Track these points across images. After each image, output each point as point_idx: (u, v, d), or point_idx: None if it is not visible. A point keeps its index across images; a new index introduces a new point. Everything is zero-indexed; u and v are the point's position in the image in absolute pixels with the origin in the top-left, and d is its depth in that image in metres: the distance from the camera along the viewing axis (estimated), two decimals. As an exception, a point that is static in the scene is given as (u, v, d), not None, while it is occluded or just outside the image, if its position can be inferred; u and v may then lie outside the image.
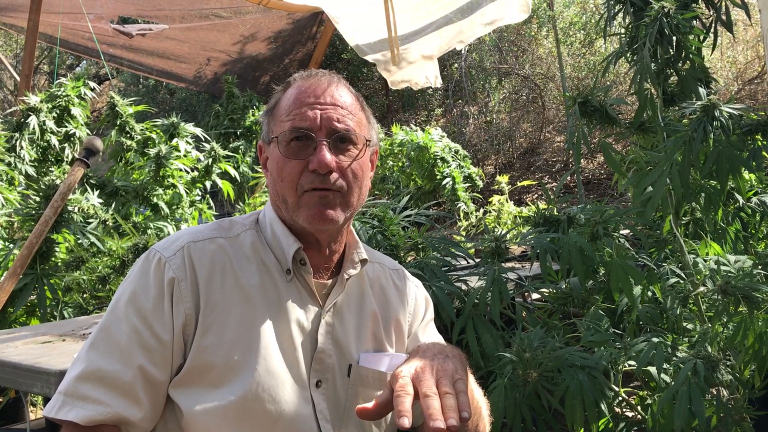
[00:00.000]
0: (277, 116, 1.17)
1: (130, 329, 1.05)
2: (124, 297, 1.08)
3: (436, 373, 1.01)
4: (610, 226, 1.85)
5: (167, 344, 1.05)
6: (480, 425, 1.21)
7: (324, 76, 1.18)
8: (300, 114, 1.13)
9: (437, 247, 2.15)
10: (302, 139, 1.12)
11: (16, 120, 3.72)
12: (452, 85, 9.41)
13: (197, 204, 3.85)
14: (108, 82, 11.43)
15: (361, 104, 1.20)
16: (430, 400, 0.95)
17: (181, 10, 5.96)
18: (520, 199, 7.49)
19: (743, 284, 1.57)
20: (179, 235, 1.15)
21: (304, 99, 1.14)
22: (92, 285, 2.74)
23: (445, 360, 1.06)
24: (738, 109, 1.79)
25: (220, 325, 1.07)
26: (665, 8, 1.89)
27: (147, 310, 1.06)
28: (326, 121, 1.13)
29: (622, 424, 1.67)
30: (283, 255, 1.15)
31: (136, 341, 1.04)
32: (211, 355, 1.06)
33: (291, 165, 1.12)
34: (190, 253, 1.10)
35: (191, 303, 1.07)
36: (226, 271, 1.11)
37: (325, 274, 1.19)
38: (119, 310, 1.07)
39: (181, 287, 1.07)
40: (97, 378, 1.03)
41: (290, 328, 1.12)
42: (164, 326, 1.05)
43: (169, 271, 1.08)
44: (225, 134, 5.41)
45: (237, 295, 1.10)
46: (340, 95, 1.16)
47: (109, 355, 1.04)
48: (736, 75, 7.99)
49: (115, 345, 1.05)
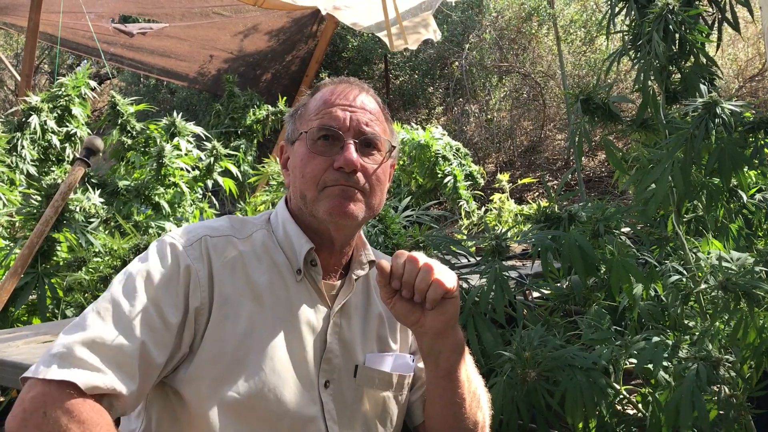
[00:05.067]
0: (305, 116, 1.18)
1: (140, 304, 1.04)
2: (138, 273, 1.06)
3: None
4: (611, 224, 1.84)
5: (172, 328, 1.04)
6: (479, 415, 1.21)
7: (354, 82, 1.21)
8: (329, 114, 1.14)
9: (438, 246, 2.15)
10: (329, 139, 1.13)
11: (17, 120, 3.72)
12: (453, 83, 9.40)
13: (198, 203, 3.85)
14: (109, 81, 11.43)
15: (386, 115, 1.23)
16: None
17: (181, 8, 5.96)
18: (521, 197, 7.48)
19: (744, 281, 1.57)
20: (195, 227, 1.14)
21: (335, 100, 1.16)
22: (93, 284, 2.74)
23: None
24: (739, 106, 1.79)
25: (232, 318, 1.07)
26: (669, 5, 1.89)
27: (158, 290, 1.05)
28: (355, 123, 1.14)
29: (623, 423, 1.67)
30: (293, 255, 1.15)
31: (142, 318, 1.03)
32: (222, 347, 1.06)
33: (316, 162, 1.12)
34: (207, 246, 1.11)
35: (207, 293, 1.07)
36: (237, 269, 1.11)
37: (333, 275, 1.20)
38: (130, 284, 1.05)
39: (199, 276, 1.07)
40: (99, 345, 0.99)
41: (300, 328, 1.12)
42: (174, 310, 1.04)
43: (187, 259, 1.08)
44: (226, 133, 5.41)
45: (248, 293, 1.10)
46: (369, 101, 1.19)
47: (113, 325, 1.01)
48: (737, 72, 7.98)
49: (122, 317, 1.03)
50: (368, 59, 9.80)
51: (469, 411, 1.18)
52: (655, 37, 1.87)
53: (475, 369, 1.24)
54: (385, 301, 1.09)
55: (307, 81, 6.88)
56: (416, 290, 1.06)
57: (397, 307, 1.08)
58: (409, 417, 1.28)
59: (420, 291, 1.06)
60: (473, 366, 1.23)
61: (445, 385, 1.16)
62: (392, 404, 1.20)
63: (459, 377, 1.16)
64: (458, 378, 1.16)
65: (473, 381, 1.21)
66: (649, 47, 1.92)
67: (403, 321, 1.11)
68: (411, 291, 1.07)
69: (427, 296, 1.06)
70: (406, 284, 1.06)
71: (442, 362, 1.14)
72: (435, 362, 1.15)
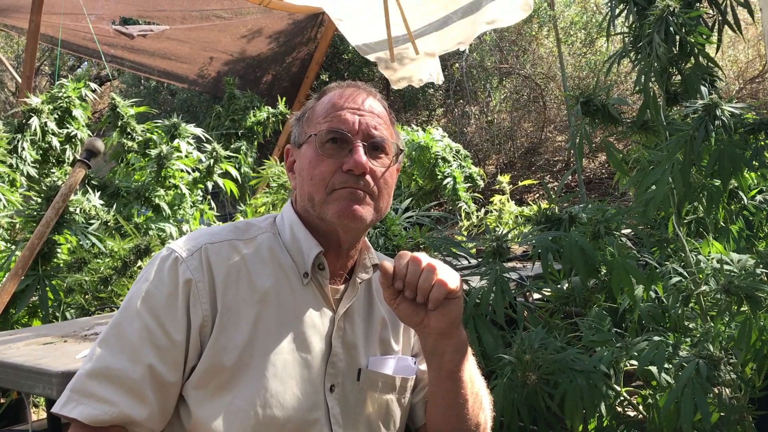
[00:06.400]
0: (313, 119, 1.18)
1: (142, 327, 1.05)
2: (138, 295, 1.07)
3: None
4: (611, 226, 1.84)
5: (179, 345, 1.05)
6: (481, 416, 1.21)
7: (362, 86, 1.22)
8: (338, 117, 1.14)
9: (439, 248, 2.15)
10: (338, 142, 1.13)
11: (17, 121, 3.72)
12: (453, 84, 9.41)
13: (199, 205, 3.85)
14: (109, 83, 11.44)
15: (392, 119, 1.23)
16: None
17: (182, 10, 5.96)
18: (521, 199, 7.48)
19: (746, 284, 1.57)
20: (197, 235, 1.15)
21: (343, 104, 1.16)
22: (94, 286, 2.74)
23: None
24: (739, 108, 1.79)
25: (233, 327, 1.07)
26: (670, 7, 1.89)
27: (160, 309, 1.06)
28: (364, 126, 1.14)
29: (623, 424, 1.67)
30: (300, 258, 1.15)
31: (147, 339, 1.04)
32: (223, 357, 1.06)
33: (324, 164, 1.12)
34: (207, 254, 1.10)
35: (208, 304, 1.07)
36: (241, 274, 1.11)
37: (338, 279, 1.20)
38: (132, 308, 1.07)
39: (198, 288, 1.07)
40: (105, 375, 1.02)
41: (305, 332, 1.12)
42: (177, 327, 1.05)
43: (186, 271, 1.07)
44: (226, 135, 5.40)
45: (251, 298, 1.09)
46: (377, 105, 1.19)
47: (118, 352, 1.04)
48: (737, 74, 7.98)
49: (126, 342, 1.04)
50: (369, 61, 9.79)
51: (471, 412, 1.18)
52: (656, 38, 1.87)
53: (477, 370, 1.24)
54: (389, 303, 1.09)
55: (307, 83, 6.87)
56: (419, 291, 1.06)
57: (401, 308, 1.08)
58: (411, 419, 1.28)
59: (423, 291, 1.06)
60: (476, 367, 1.23)
61: (449, 386, 1.16)
62: (395, 407, 1.20)
63: (462, 378, 1.16)
64: (461, 379, 1.16)
65: (476, 382, 1.21)
66: (649, 49, 1.92)
67: (406, 322, 1.11)
68: (414, 292, 1.06)
69: (430, 297, 1.05)
70: (409, 285, 1.06)
71: (445, 363, 1.14)
72: (438, 363, 1.15)
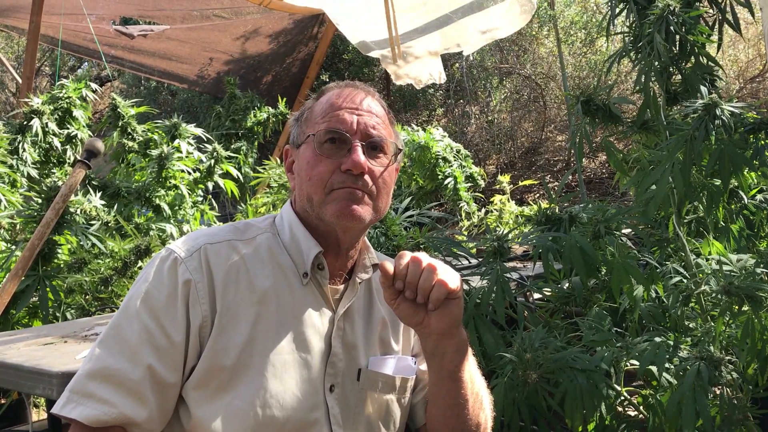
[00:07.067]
0: (311, 119, 1.18)
1: (141, 328, 1.05)
2: (137, 295, 1.08)
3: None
4: (612, 225, 1.84)
5: (178, 346, 1.05)
6: (482, 416, 1.21)
7: (360, 86, 1.21)
8: (336, 117, 1.14)
9: (439, 247, 2.15)
10: (336, 142, 1.13)
11: (18, 122, 3.72)
12: (453, 84, 9.41)
13: (199, 205, 3.85)
14: (110, 83, 11.45)
15: (391, 119, 1.23)
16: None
17: (182, 10, 5.96)
18: (521, 199, 7.48)
19: (746, 284, 1.57)
20: (196, 236, 1.15)
21: (341, 104, 1.16)
22: (94, 286, 2.74)
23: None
24: (740, 107, 1.79)
25: (233, 327, 1.07)
26: (670, 6, 1.89)
27: (159, 310, 1.06)
28: (362, 126, 1.14)
29: (624, 424, 1.67)
30: (300, 258, 1.15)
31: (146, 340, 1.04)
32: (222, 358, 1.06)
33: (323, 164, 1.12)
34: (206, 254, 1.10)
35: (208, 305, 1.07)
36: (241, 274, 1.11)
37: (338, 279, 1.20)
38: (131, 308, 1.07)
39: (198, 289, 1.07)
40: (104, 376, 1.03)
41: (304, 332, 1.12)
42: (176, 327, 1.05)
43: (185, 272, 1.08)
44: (226, 135, 5.40)
45: (251, 298, 1.10)
46: (375, 105, 1.19)
47: (118, 353, 1.04)
48: (737, 73, 7.98)
49: (125, 343, 1.05)
50: (369, 61, 9.80)
51: (472, 412, 1.18)
52: (656, 38, 1.87)
53: (478, 370, 1.24)
54: (389, 303, 1.09)
55: (307, 83, 6.87)
56: (420, 291, 1.06)
57: (401, 309, 1.08)
58: (411, 419, 1.27)
59: (423, 291, 1.06)
60: (476, 367, 1.23)
61: (449, 386, 1.16)
62: (395, 407, 1.20)
63: (463, 378, 1.16)
64: (462, 379, 1.16)
65: (476, 382, 1.21)
66: (649, 48, 1.92)
67: (407, 322, 1.11)
68: (414, 292, 1.06)
69: (431, 297, 1.05)
70: (410, 285, 1.06)
71: (446, 363, 1.14)
72: (439, 363, 1.14)
